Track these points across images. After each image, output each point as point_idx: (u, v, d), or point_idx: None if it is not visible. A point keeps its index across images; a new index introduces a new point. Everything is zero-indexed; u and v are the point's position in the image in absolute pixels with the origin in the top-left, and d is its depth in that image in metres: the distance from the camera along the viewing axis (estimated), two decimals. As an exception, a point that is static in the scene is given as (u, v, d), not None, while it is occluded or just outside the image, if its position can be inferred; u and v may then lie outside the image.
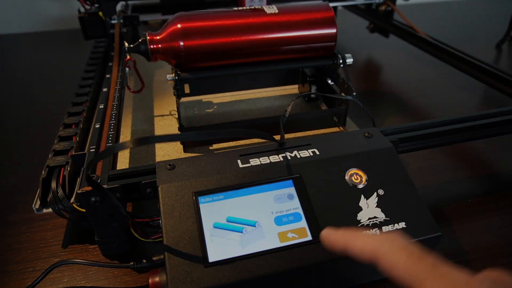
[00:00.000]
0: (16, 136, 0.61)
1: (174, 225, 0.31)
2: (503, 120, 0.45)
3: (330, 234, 0.27)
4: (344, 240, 0.26)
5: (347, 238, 0.26)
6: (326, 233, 0.27)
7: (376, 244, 0.24)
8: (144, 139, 0.29)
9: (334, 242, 0.26)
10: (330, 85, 0.55)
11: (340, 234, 0.26)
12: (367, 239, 0.25)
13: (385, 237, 0.24)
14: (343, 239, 0.26)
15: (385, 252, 0.23)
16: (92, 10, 0.71)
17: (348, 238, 0.26)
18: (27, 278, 0.38)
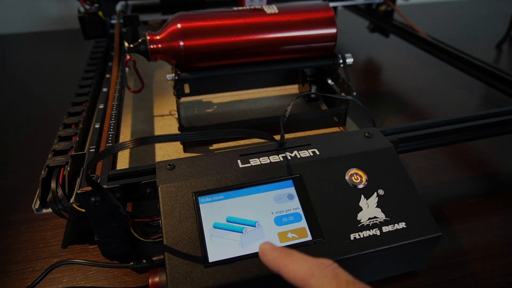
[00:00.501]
0: (16, 136, 0.61)
1: (174, 225, 0.31)
2: (503, 120, 0.45)
3: (266, 252, 0.27)
4: (278, 263, 0.26)
5: (281, 261, 0.26)
6: (262, 249, 0.27)
7: (306, 273, 0.24)
8: (144, 139, 0.29)
9: (268, 261, 0.26)
10: (330, 85, 0.55)
11: (276, 255, 0.26)
12: (299, 266, 0.25)
13: (317, 265, 0.24)
14: (278, 261, 0.26)
15: (314, 283, 0.23)
16: (92, 10, 0.71)
17: (282, 262, 0.25)
18: (27, 278, 0.38)
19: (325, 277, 0.23)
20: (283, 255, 0.26)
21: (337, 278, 0.23)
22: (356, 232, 0.32)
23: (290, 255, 0.26)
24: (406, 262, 0.35)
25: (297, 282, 0.24)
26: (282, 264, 0.25)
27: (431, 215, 0.33)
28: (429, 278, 0.37)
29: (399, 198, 0.34)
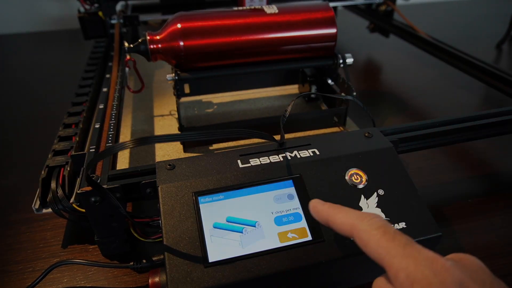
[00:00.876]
0: (16, 136, 0.61)
1: (174, 225, 0.31)
2: (503, 120, 0.45)
3: (316, 205, 0.29)
4: (327, 213, 0.28)
5: (330, 212, 0.28)
6: (313, 204, 0.29)
7: (355, 221, 0.25)
8: (144, 139, 0.29)
9: (318, 213, 0.29)
10: (330, 85, 0.55)
11: (326, 207, 0.28)
12: (347, 215, 0.26)
13: (364, 216, 0.25)
14: (327, 212, 0.28)
15: (362, 229, 0.25)
16: (92, 10, 0.71)
17: (331, 212, 0.28)
18: (27, 278, 0.38)
19: (374, 224, 0.24)
20: (333, 207, 0.28)
21: (385, 227, 0.24)
22: (356, 232, 0.32)
23: (339, 207, 0.28)
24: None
25: (345, 229, 0.26)
26: (331, 214, 0.27)
27: (431, 215, 0.33)
28: (429, 278, 0.37)
29: (399, 198, 0.34)
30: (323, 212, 0.28)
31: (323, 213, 0.28)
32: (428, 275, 0.21)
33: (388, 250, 0.23)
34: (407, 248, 0.23)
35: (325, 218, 0.28)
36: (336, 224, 0.27)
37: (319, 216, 0.29)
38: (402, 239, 0.23)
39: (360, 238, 0.25)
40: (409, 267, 0.22)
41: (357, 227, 0.25)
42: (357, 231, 0.25)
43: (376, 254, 0.24)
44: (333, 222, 0.27)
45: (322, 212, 0.28)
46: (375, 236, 0.24)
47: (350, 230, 0.26)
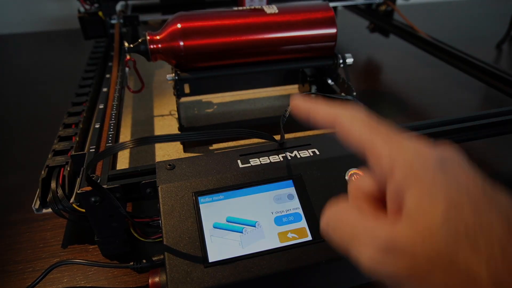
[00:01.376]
0: (16, 136, 0.61)
1: (174, 225, 0.31)
2: (503, 120, 0.45)
3: (297, 101, 0.27)
4: (308, 107, 0.26)
5: (312, 105, 0.26)
6: (293, 99, 0.27)
7: (338, 111, 0.25)
8: (144, 139, 0.29)
9: (299, 107, 0.27)
10: (330, 85, 0.55)
11: (307, 102, 0.27)
12: (330, 107, 0.25)
13: (348, 106, 0.25)
14: (308, 105, 0.26)
15: (344, 118, 0.24)
16: (92, 10, 0.71)
17: (313, 106, 0.26)
18: (27, 278, 0.38)
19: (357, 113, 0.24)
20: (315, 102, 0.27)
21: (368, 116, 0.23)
22: (356, 232, 0.32)
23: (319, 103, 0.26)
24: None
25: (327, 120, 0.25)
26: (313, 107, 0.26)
27: (431, 215, 0.33)
28: (429, 278, 0.37)
29: (399, 198, 0.34)
30: (305, 106, 0.27)
31: (305, 106, 0.27)
32: (411, 157, 0.20)
33: (371, 137, 0.22)
34: (391, 135, 0.22)
35: (306, 111, 0.26)
36: (318, 116, 0.26)
37: (300, 111, 0.27)
38: (385, 127, 0.22)
39: (342, 127, 0.24)
40: (391, 152, 0.21)
41: (340, 116, 0.24)
42: (340, 120, 0.24)
43: (358, 142, 0.23)
44: (316, 114, 0.26)
45: (304, 106, 0.27)
46: (358, 124, 0.23)
47: (332, 120, 0.25)
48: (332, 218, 0.22)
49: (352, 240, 0.20)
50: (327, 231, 0.22)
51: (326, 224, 0.22)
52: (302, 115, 0.27)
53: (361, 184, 0.25)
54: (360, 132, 0.23)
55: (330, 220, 0.22)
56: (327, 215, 0.23)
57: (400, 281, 0.18)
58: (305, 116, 0.27)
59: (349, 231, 0.21)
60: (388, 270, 0.18)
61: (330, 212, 0.23)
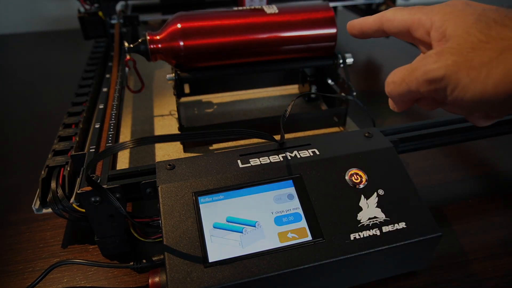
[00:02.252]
0: (16, 136, 0.61)
1: (174, 225, 0.31)
2: (503, 120, 0.45)
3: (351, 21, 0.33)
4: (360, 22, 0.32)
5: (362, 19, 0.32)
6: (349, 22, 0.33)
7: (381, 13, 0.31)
8: (144, 139, 0.29)
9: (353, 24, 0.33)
10: (330, 85, 0.55)
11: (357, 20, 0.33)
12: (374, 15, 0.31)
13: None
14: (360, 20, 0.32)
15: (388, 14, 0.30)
16: (92, 10, 0.71)
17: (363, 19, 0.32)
18: (27, 278, 0.38)
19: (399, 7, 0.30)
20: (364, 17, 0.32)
21: None
22: (356, 232, 0.32)
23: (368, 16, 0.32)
24: (406, 262, 0.35)
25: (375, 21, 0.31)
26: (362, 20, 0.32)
27: (431, 215, 0.33)
28: (429, 278, 0.37)
29: (399, 198, 0.34)
30: (358, 22, 0.32)
31: (358, 22, 0.32)
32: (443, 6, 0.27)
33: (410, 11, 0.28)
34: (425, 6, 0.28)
35: (359, 25, 0.32)
36: (369, 23, 0.31)
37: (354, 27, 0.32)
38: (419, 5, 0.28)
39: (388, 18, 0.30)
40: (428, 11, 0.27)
41: (385, 13, 0.30)
42: (385, 15, 0.30)
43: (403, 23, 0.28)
44: (367, 23, 0.31)
45: (357, 22, 0.32)
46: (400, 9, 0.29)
47: (380, 19, 0.30)
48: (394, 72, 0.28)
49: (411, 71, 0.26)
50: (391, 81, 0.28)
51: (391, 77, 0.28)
52: (356, 29, 0.32)
53: None
54: (401, 15, 0.29)
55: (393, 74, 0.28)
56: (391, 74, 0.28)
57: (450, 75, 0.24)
58: (359, 29, 0.32)
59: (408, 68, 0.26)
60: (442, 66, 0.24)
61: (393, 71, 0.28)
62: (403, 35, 0.29)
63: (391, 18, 0.29)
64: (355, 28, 0.32)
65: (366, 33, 0.32)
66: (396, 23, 0.29)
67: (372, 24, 0.31)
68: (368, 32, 0.32)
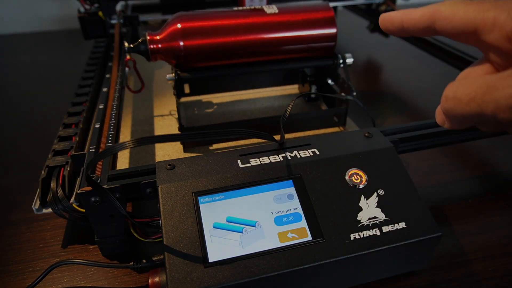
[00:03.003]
0: (16, 136, 0.61)
1: (174, 225, 0.31)
2: (503, 120, 0.45)
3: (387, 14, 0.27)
4: (401, 14, 0.26)
5: (405, 11, 0.26)
6: (383, 15, 0.28)
7: (434, 6, 0.24)
8: (144, 139, 0.29)
9: (391, 16, 0.27)
10: (330, 85, 0.55)
11: (397, 12, 0.27)
12: (424, 7, 0.25)
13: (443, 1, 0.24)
14: (401, 13, 0.26)
15: (443, 8, 0.24)
16: (92, 10, 0.71)
17: (406, 11, 0.26)
18: (27, 278, 0.38)
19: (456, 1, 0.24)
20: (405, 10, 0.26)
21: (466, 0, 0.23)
22: (356, 232, 0.32)
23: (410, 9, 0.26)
24: (406, 262, 0.35)
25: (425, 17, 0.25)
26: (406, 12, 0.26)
27: (431, 215, 0.33)
28: (429, 278, 0.37)
29: (399, 198, 0.34)
30: (397, 14, 0.27)
31: (397, 14, 0.26)
32: None
33: (479, 11, 0.22)
34: (497, 2, 0.21)
35: (399, 19, 0.26)
36: (414, 19, 0.25)
37: (392, 20, 0.27)
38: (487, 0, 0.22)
39: (443, 16, 0.23)
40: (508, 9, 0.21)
41: (439, 8, 0.24)
42: (439, 11, 0.24)
43: (466, 22, 0.22)
44: (411, 18, 0.25)
45: (396, 14, 0.27)
46: (461, 4, 0.23)
47: (431, 15, 0.24)
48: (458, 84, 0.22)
49: (487, 90, 0.20)
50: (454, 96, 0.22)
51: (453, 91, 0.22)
52: (395, 25, 0.27)
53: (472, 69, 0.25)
54: (465, 11, 0.22)
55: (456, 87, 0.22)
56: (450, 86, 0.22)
57: None
58: (398, 24, 0.26)
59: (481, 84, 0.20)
60: None
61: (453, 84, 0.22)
62: (463, 37, 0.23)
63: (449, 15, 0.23)
64: (394, 23, 0.27)
65: (409, 30, 0.26)
66: (456, 22, 0.23)
67: (419, 20, 0.25)
68: (411, 30, 0.26)
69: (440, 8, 0.24)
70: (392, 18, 0.27)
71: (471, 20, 0.22)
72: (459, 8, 0.23)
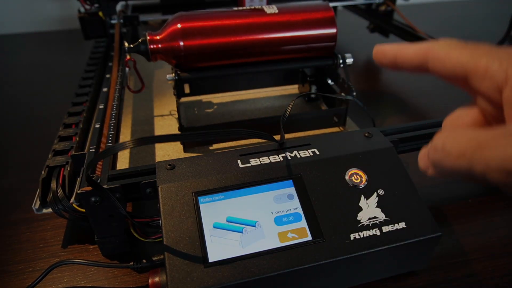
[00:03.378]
0: (16, 136, 0.61)
1: (174, 225, 0.31)
2: (503, 120, 0.45)
3: (381, 46, 0.26)
4: (395, 48, 0.25)
5: (399, 46, 0.25)
6: (377, 47, 0.26)
7: (428, 45, 0.23)
8: (144, 139, 0.29)
9: (385, 52, 0.26)
10: (330, 85, 0.55)
11: (392, 46, 0.26)
12: (419, 44, 0.24)
13: (438, 39, 0.24)
14: (395, 47, 0.25)
15: (438, 48, 0.23)
16: (92, 10, 0.71)
17: (400, 46, 0.25)
18: (27, 278, 0.38)
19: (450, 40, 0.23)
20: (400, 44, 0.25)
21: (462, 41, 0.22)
22: (356, 232, 0.32)
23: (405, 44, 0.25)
24: (406, 262, 0.35)
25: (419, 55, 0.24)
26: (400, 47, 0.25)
27: (431, 215, 0.33)
28: (429, 278, 0.37)
29: (399, 198, 0.34)
30: (391, 48, 0.25)
31: (391, 48, 0.25)
32: None
33: (473, 56, 0.21)
34: (493, 49, 0.21)
35: (392, 54, 0.25)
36: (408, 55, 0.24)
37: (385, 54, 0.26)
38: (483, 44, 0.21)
39: (437, 56, 0.23)
40: (501, 62, 0.20)
41: (433, 47, 0.23)
42: (433, 50, 0.23)
43: (458, 65, 0.21)
44: (404, 54, 0.24)
45: (390, 48, 0.25)
46: (455, 48, 0.22)
47: (425, 54, 0.23)
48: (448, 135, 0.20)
49: (477, 147, 0.18)
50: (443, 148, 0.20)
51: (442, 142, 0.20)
52: (388, 58, 0.26)
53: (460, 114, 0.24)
54: (459, 54, 0.22)
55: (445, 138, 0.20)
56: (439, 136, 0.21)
57: None
58: (391, 58, 0.25)
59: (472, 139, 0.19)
60: None
61: (442, 134, 0.21)
62: (454, 80, 0.23)
63: (442, 56, 0.22)
64: (386, 56, 0.26)
65: (402, 66, 0.25)
66: (448, 65, 0.22)
67: (412, 57, 0.24)
68: (404, 66, 0.25)
69: (434, 47, 0.23)
70: (385, 52, 0.26)
71: (463, 65, 0.21)
72: (453, 50, 0.22)
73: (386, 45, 0.26)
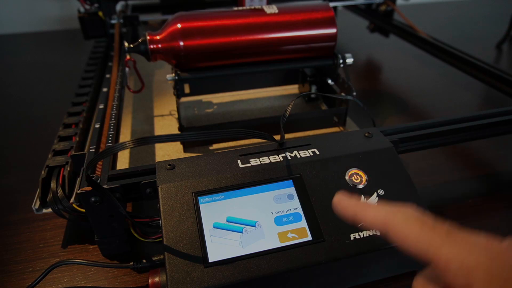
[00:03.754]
0: (16, 136, 0.61)
1: (174, 225, 0.31)
2: (503, 120, 0.45)
3: (341, 200, 0.25)
4: (354, 209, 0.25)
5: (359, 208, 0.24)
6: (338, 198, 0.26)
7: (388, 215, 0.23)
8: (144, 139, 0.29)
9: (345, 209, 0.25)
10: (330, 85, 0.55)
11: (353, 203, 0.25)
12: (379, 210, 0.23)
13: (397, 209, 0.23)
14: (354, 208, 0.25)
15: (397, 223, 0.22)
16: (92, 10, 0.71)
17: (360, 208, 0.24)
18: (27, 278, 0.38)
19: (410, 216, 0.22)
20: (361, 203, 0.25)
21: (422, 217, 0.22)
22: (356, 232, 0.32)
23: (367, 203, 0.25)
24: (406, 262, 0.35)
25: (377, 224, 0.23)
26: (359, 210, 0.24)
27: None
28: (429, 278, 0.37)
29: (399, 198, 0.34)
30: (350, 209, 0.25)
31: (350, 209, 0.25)
32: (485, 261, 0.19)
33: (430, 241, 0.20)
34: (451, 235, 0.20)
35: (351, 214, 0.25)
36: (366, 220, 0.24)
37: (345, 212, 0.25)
38: (444, 227, 0.21)
39: (396, 233, 0.22)
40: (461, 255, 0.19)
41: (392, 222, 0.22)
42: (392, 226, 0.22)
43: (417, 248, 0.21)
44: (363, 218, 0.24)
45: (349, 208, 0.25)
46: (413, 228, 0.21)
47: (383, 225, 0.23)
48: None
49: None
50: None
51: None
52: (348, 214, 0.25)
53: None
54: (417, 236, 0.21)
55: None
56: None
57: None
58: (350, 216, 0.25)
59: None
60: None
61: None
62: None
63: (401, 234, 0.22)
64: (346, 212, 0.25)
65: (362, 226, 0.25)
66: (408, 245, 0.21)
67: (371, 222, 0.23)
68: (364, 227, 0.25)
69: (393, 221, 0.22)
70: (345, 207, 0.25)
71: (423, 250, 0.21)
72: (412, 229, 0.21)
73: (346, 200, 0.25)
